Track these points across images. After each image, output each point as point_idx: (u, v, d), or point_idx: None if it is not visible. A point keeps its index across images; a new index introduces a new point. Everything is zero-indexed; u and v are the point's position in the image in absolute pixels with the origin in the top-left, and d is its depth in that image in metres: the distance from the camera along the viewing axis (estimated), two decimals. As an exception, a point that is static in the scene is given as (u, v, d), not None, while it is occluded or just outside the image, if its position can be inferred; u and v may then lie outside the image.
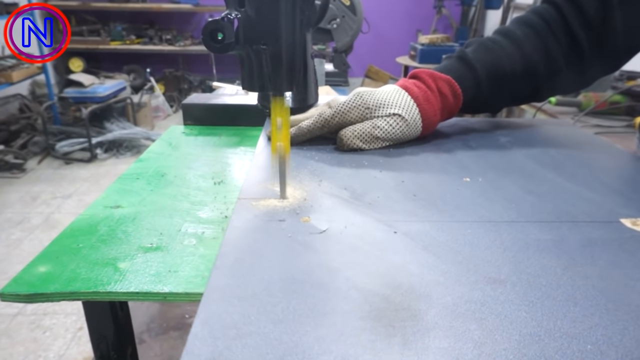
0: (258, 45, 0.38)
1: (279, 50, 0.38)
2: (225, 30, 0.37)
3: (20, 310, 1.73)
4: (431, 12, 3.99)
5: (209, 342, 0.24)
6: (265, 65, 0.38)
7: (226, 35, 0.37)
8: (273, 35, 0.38)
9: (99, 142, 3.30)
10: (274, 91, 0.40)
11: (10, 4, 2.95)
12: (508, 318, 0.27)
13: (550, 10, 0.63)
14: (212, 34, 0.37)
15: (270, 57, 0.38)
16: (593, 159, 0.55)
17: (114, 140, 3.36)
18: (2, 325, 1.65)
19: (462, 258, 0.33)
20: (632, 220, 0.39)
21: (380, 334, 0.25)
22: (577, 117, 1.96)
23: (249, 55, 0.39)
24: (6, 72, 2.81)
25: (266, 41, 0.38)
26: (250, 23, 0.38)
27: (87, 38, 4.09)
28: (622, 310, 0.28)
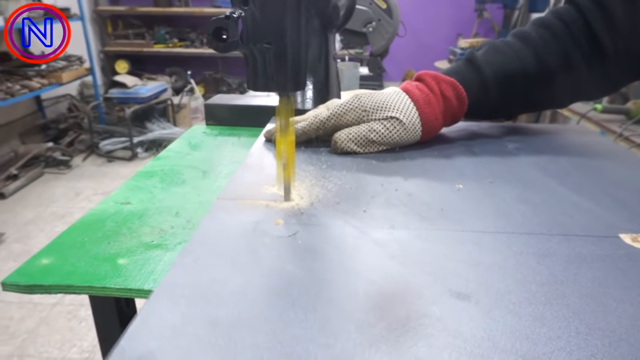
0: (262, 44, 0.37)
1: (284, 49, 0.37)
2: (230, 28, 0.37)
3: (58, 300, 1.82)
4: (472, 16, 3.88)
5: (143, 341, 0.24)
6: (270, 65, 0.38)
7: (230, 34, 0.37)
8: (277, 34, 0.37)
9: (140, 142, 3.43)
10: (278, 91, 0.39)
11: (64, 9, 3.13)
12: (462, 336, 0.25)
13: (572, 11, 0.59)
14: (216, 32, 0.37)
15: (274, 56, 0.37)
16: (607, 169, 0.51)
17: (154, 139, 3.49)
18: (43, 314, 1.74)
19: (430, 269, 0.31)
20: (632, 236, 0.36)
21: (321, 345, 0.24)
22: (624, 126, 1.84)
23: (254, 54, 0.38)
24: (57, 73, 2.98)
25: (270, 40, 0.37)
26: (254, 22, 0.37)
27: (132, 41, 4.27)
28: (595, 335, 0.25)
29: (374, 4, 2.04)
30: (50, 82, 2.90)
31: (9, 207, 2.55)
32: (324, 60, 0.69)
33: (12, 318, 1.68)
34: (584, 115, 1.85)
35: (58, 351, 1.56)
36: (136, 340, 0.24)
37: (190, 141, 0.73)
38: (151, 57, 4.55)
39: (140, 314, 0.26)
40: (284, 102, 0.39)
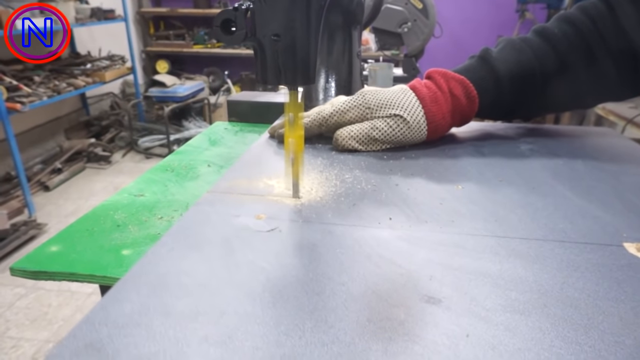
0: (270, 37, 0.37)
1: (292, 42, 0.36)
2: (238, 20, 0.36)
3: (94, 290, 1.90)
4: (513, 17, 3.75)
5: (95, 328, 0.24)
6: (279, 58, 0.37)
7: (238, 26, 0.36)
8: (285, 26, 0.36)
9: (177, 139, 3.53)
10: (287, 85, 0.38)
11: (108, 10, 3.28)
12: (422, 342, 0.23)
13: (599, 5, 0.55)
14: (224, 24, 0.37)
15: (282, 49, 0.36)
16: (626, 173, 0.47)
17: (190, 137, 3.58)
18: (79, 302, 1.82)
19: (404, 271, 0.30)
20: (638, 245, 0.33)
21: (270, 342, 0.23)
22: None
23: (262, 47, 0.37)
24: (100, 72, 3.11)
25: (278, 32, 0.36)
26: (262, 14, 0.36)
27: (172, 42, 4.40)
28: (570, 349, 0.23)
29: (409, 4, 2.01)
30: (94, 80, 3.03)
31: (53, 199, 2.68)
32: (347, 58, 0.68)
33: (50, 305, 1.76)
34: (631, 120, 1.74)
35: (89, 338, 1.62)
36: (90, 327, 0.24)
37: (211, 137, 0.74)
38: (190, 57, 4.68)
39: (101, 301, 0.26)
40: (293, 97, 0.38)
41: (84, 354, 0.22)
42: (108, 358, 0.22)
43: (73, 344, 0.23)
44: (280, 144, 0.56)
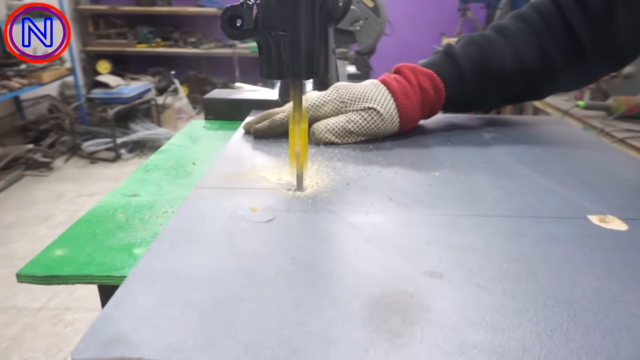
0: (277, 32, 0.37)
1: (298, 37, 0.37)
2: (244, 16, 0.37)
3: (44, 305, 1.79)
4: (455, 16, 3.93)
5: (116, 322, 0.24)
6: (284, 52, 0.37)
7: (245, 21, 0.37)
8: (292, 22, 0.37)
9: (124, 142, 3.39)
10: (292, 79, 0.39)
11: (42, 8, 3.08)
12: (434, 311, 0.26)
13: (549, 5, 0.60)
14: (230, 19, 0.37)
15: (288, 44, 0.37)
16: (578, 156, 0.52)
17: (138, 140, 3.45)
18: (27, 319, 1.71)
19: (404, 251, 0.32)
20: (600, 217, 0.37)
21: (294, 322, 0.24)
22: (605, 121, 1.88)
23: (268, 42, 0.38)
24: (37, 73, 2.92)
25: (285, 28, 0.37)
26: (269, 9, 0.37)
27: (114, 41, 4.21)
28: (561, 306, 0.26)
29: (361, 2, 2.05)
30: (31, 82, 2.85)
31: (-11, 210, 2.50)
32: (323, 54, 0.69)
33: (-6, 324, 1.65)
34: (566, 112, 1.89)
35: (44, 357, 1.53)
36: (109, 322, 0.24)
37: (191, 135, 0.73)
38: (134, 57, 4.50)
39: (114, 297, 0.26)
40: (297, 90, 0.39)
41: (111, 347, 0.22)
42: (136, 349, 0.22)
43: (96, 339, 0.23)
44: (257, 138, 0.56)
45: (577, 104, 2.12)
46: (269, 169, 0.46)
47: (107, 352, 0.22)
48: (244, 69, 4.64)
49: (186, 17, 4.56)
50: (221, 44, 4.78)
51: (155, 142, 3.55)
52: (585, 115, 1.84)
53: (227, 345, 0.23)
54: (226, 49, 4.62)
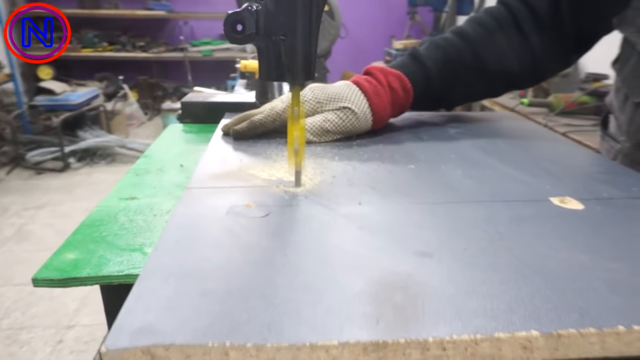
0: (277, 37, 0.39)
1: (297, 41, 0.39)
2: (246, 21, 0.38)
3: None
4: (404, 19, 4.06)
5: (140, 315, 0.25)
6: (284, 56, 0.39)
7: (247, 27, 0.38)
8: (291, 27, 0.39)
9: (72, 151, 3.24)
10: (292, 81, 0.41)
11: None
12: (430, 285, 0.28)
13: (502, 10, 0.66)
14: (233, 25, 0.38)
15: (288, 48, 0.39)
16: (536, 147, 0.57)
17: (87, 148, 3.31)
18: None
19: (394, 236, 0.35)
20: (560, 198, 0.41)
21: (306, 301, 0.27)
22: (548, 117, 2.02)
23: (268, 46, 0.40)
24: (-28, 80, 2.74)
25: (285, 32, 0.39)
26: (269, 15, 0.39)
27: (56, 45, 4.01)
28: (538, 275, 0.30)
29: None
30: (-34, 90, 2.67)
31: None
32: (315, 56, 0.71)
33: None
34: (512, 109, 2.01)
35: (-3, 379, 1.45)
36: (133, 315, 0.25)
37: (172, 139, 0.72)
38: (78, 61, 4.30)
39: (132, 293, 0.27)
40: (296, 92, 0.41)
41: (142, 336, 0.23)
42: (167, 336, 0.23)
43: (125, 331, 0.24)
44: (237, 139, 0.58)
45: (521, 102, 2.27)
46: (258, 167, 0.48)
47: (138, 341, 0.23)
48: (196, 72, 4.55)
49: (134, 21, 4.42)
50: (171, 47, 4.67)
51: (105, 149, 3.42)
52: (529, 112, 1.97)
53: (251, 327, 0.24)
54: (177, 52, 4.52)
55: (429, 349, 0.24)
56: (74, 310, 1.88)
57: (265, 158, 0.51)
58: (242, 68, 1.72)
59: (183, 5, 4.70)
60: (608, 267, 0.31)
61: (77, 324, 1.81)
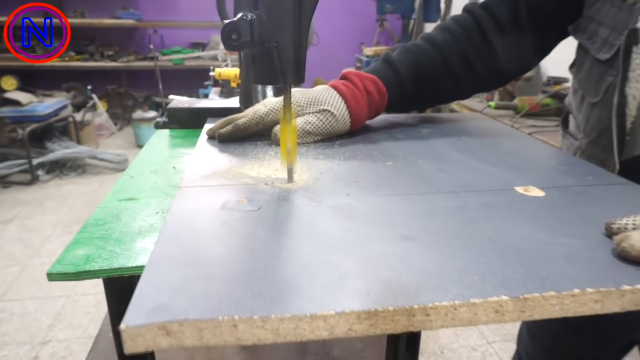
0: (271, 44, 0.42)
1: (289, 48, 0.42)
2: (242, 30, 0.42)
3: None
4: (374, 26, 4.15)
5: (153, 296, 0.27)
6: (277, 61, 0.42)
7: (242, 35, 0.42)
8: (283, 34, 0.42)
9: (41, 163, 3.15)
10: (283, 84, 0.44)
11: None
12: (413, 263, 0.32)
13: (468, 18, 0.71)
14: (230, 34, 0.41)
15: (281, 54, 0.42)
16: (501, 144, 0.62)
17: (56, 160, 3.23)
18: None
19: (379, 223, 0.38)
20: (524, 187, 0.46)
21: (304, 280, 0.29)
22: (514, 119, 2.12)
23: (262, 52, 0.43)
24: None
25: (277, 40, 0.42)
26: (263, 24, 0.42)
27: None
28: (507, 251, 0.34)
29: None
30: None
31: None
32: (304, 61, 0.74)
33: None
34: (481, 112, 2.10)
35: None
36: (146, 297, 0.27)
37: (161, 144, 0.74)
38: (44, 72, 4.20)
39: (142, 280, 0.29)
40: (288, 94, 0.44)
41: (157, 314, 0.26)
42: (180, 313, 0.26)
43: (142, 310, 0.26)
44: (222, 142, 0.60)
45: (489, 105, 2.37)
46: (247, 167, 0.50)
47: (155, 318, 0.25)
48: (167, 81, 4.51)
49: (102, 30, 4.36)
50: (141, 56, 4.62)
51: (76, 161, 3.34)
52: (496, 114, 2.06)
53: (256, 303, 0.27)
54: (147, 62, 4.47)
55: (414, 315, 0.27)
56: (49, 326, 1.84)
57: (253, 158, 0.54)
58: (217, 76, 1.74)
59: (152, 14, 4.67)
60: (565, 243, 0.35)
61: (53, 339, 1.77)
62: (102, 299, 2.00)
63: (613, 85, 0.56)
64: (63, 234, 2.53)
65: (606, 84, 0.58)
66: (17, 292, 2.03)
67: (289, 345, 0.87)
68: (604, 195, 0.45)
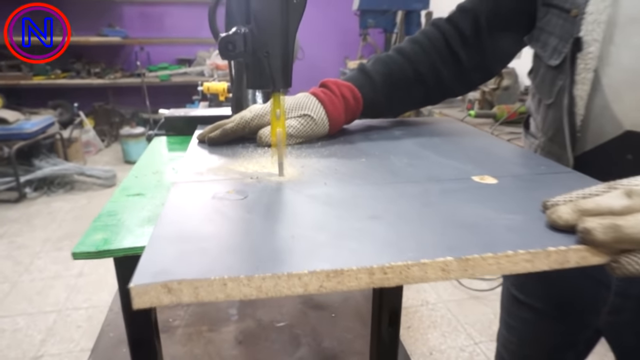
0: (262, 53, 0.49)
1: (277, 56, 0.49)
2: (237, 42, 0.48)
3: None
4: (357, 40, 4.27)
5: (156, 263, 0.32)
6: (267, 68, 0.49)
7: (237, 46, 0.48)
8: (273, 45, 0.49)
9: (28, 181, 3.16)
10: (274, 88, 0.50)
11: None
12: (378, 236, 0.37)
13: (435, 31, 0.78)
14: (226, 45, 0.48)
15: (271, 62, 0.49)
16: (464, 142, 0.69)
17: (44, 177, 3.24)
18: None
19: (351, 206, 0.43)
20: (480, 177, 0.52)
21: (283, 249, 0.35)
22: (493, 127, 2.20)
23: (254, 61, 0.49)
24: None
25: (268, 50, 0.49)
26: (254, 37, 0.48)
27: (6, 73, 3.93)
28: (457, 225, 0.39)
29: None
30: None
31: None
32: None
33: None
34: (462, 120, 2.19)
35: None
36: (150, 264, 0.32)
37: (160, 149, 0.78)
38: (30, 89, 4.22)
39: (146, 251, 0.34)
40: (277, 97, 0.51)
41: (159, 276, 0.31)
42: (178, 275, 0.31)
43: (147, 273, 0.31)
44: (211, 145, 0.65)
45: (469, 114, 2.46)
46: (235, 164, 0.56)
47: (157, 278, 0.30)
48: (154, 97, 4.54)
49: (88, 47, 4.40)
50: (128, 73, 4.66)
51: (64, 177, 3.35)
52: (476, 122, 2.15)
53: (242, 266, 0.32)
54: (134, 78, 4.51)
55: (374, 273, 0.33)
56: (41, 340, 1.84)
57: (240, 157, 0.59)
58: (206, 90, 1.79)
59: (138, 31, 4.72)
60: (508, 217, 0.41)
61: (45, 353, 1.77)
62: (93, 313, 2.02)
63: (563, 88, 0.63)
64: (52, 249, 2.54)
65: (557, 87, 0.64)
66: (7, 308, 2.03)
67: (282, 337, 0.92)
68: (550, 181, 0.52)
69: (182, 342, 0.87)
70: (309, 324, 0.95)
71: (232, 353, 0.85)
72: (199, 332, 0.91)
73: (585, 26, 0.58)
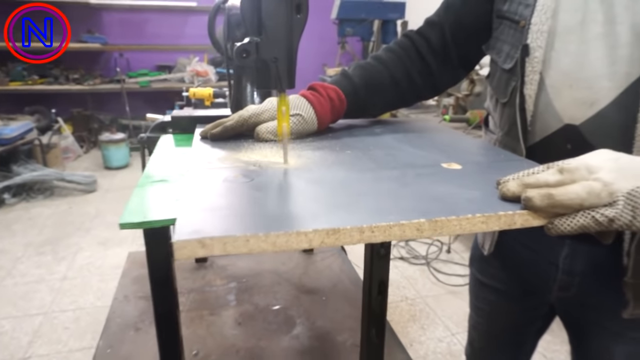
0: (270, 59, 0.58)
1: (283, 61, 0.59)
2: (250, 50, 0.58)
3: None
4: (335, 48, 4.39)
5: (189, 226, 0.40)
6: (274, 71, 0.59)
7: (250, 53, 0.58)
8: (282, 51, 0.59)
9: (6, 187, 3.13)
10: (280, 88, 0.60)
11: None
12: (365, 206, 0.46)
13: (407, 42, 0.89)
14: (241, 53, 0.58)
15: (279, 66, 0.59)
16: (435, 137, 0.79)
17: (23, 183, 3.22)
18: None
19: (340, 187, 0.52)
20: (447, 164, 0.62)
21: (290, 215, 0.43)
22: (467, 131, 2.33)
23: (264, 65, 0.59)
24: None
25: (276, 56, 0.58)
26: (264, 46, 0.58)
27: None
28: (429, 199, 0.49)
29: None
30: None
31: None
32: None
33: None
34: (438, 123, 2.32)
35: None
36: (183, 227, 0.40)
37: (169, 146, 0.84)
38: (6, 95, 4.18)
39: (178, 221, 0.42)
40: (283, 96, 0.60)
41: (194, 234, 0.39)
42: (209, 233, 0.39)
43: (184, 232, 0.39)
44: (213, 140, 0.73)
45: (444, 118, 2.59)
46: (240, 154, 0.64)
47: (193, 236, 0.38)
48: (134, 103, 4.55)
49: (67, 53, 4.38)
50: (107, 79, 4.66)
51: (43, 183, 3.34)
52: (451, 126, 2.28)
53: (259, 227, 0.40)
54: (113, 84, 4.51)
55: (364, 232, 0.41)
56: (28, 342, 1.86)
57: (243, 149, 0.68)
58: (192, 95, 1.86)
59: (118, 37, 4.73)
60: (470, 192, 0.51)
61: (33, 354, 1.79)
62: (80, 314, 2.04)
63: (515, 88, 0.73)
64: (34, 254, 2.53)
65: (511, 87, 0.75)
66: (-9, 311, 2.03)
67: (278, 318, 0.99)
68: (505, 167, 0.62)
69: (185, 324, 0.93)
70: (302, 306, 1.03)
71: (233, 332, 0.93)
72: (200, 316, 0.98)
73: (531, 35, 0.68)
